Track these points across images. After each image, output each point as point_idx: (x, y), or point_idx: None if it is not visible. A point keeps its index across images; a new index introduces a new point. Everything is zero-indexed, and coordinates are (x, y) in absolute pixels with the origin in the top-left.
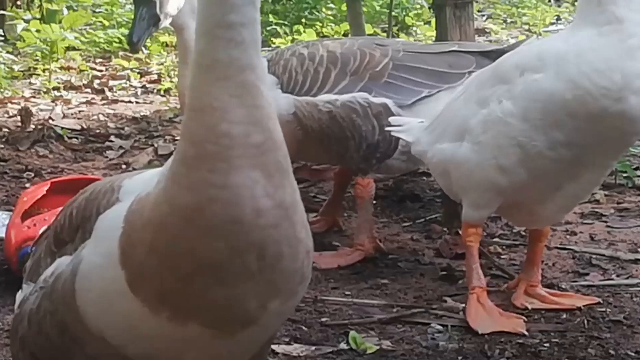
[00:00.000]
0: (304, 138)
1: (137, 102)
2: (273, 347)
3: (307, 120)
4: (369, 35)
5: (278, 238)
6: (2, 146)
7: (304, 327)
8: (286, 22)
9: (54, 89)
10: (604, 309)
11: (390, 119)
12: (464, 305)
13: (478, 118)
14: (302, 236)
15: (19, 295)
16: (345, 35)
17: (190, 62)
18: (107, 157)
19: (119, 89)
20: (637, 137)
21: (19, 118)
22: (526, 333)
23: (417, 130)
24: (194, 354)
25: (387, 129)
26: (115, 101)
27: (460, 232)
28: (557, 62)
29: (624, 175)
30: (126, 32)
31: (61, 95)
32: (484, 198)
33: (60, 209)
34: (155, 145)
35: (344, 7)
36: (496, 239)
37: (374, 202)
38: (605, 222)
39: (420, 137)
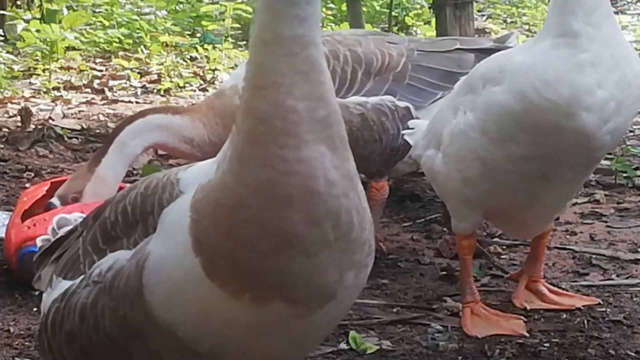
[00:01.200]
0: None
1: (137, 102)
2: None
3: None
4: None
5: (349, 206)
6: (2, 146)
7: None
8: None
9: (54, 89)
10: (604, 309)
11: (410, 122)
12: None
13: (448, 128)
14: (365, 206)
15: (50, 292)
16: None
17: (250, 39)
18: None
19: (119, 89)
20: (602, 152)
21: (19, 118)
22: (526, 334)
23: (419, 134)
24: (267, 340)
25: (403, 132)
26: (115, 101)
27: None
28: (511, 74)
29: (624, 175)
30: (126, 32)
31: (61, 95)
32: (458, 209)
33: (60, 209)
34: None
35: (344, 7)
36: (496, 239)
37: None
38: (605, 222)
39: (418, 142)
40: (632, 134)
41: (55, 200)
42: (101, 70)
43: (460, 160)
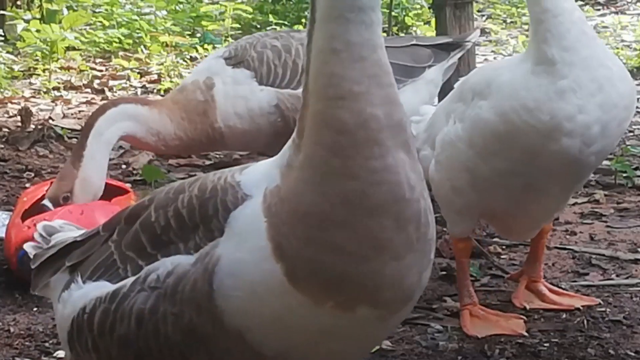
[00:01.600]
0: (284, 130)
1: None
2: None
3: (290, 112)
4: None
5: (426, 207)
6: (2, 146)
7: None
8: (286, 22)
9: (54, 89)
10: (604, 309)
11: (421, 107)
12: None
13: (440, 135)
14: (431, 206)
15: (75, 295)
16: None
17: (315, 50)
18: None
19: (119, 89)
20: (588, 171)
21: (19, 118)
22: (526, 334)
23: (423, 124)
24: (338, 343)
25: (413, 118)
26: None
27: None
28: (497, 92)
29: (624, 175)
30: (126, 32)
31: (61, 95)
32: (450, 215)
33: (60, 209)
34: None
35: None
36: (496, 239)
37: None
38: (605, 222)
39: (420, 134)
40: (631, 134)
41: (47, 202)
42: (101, 70)
43: (449, 170)
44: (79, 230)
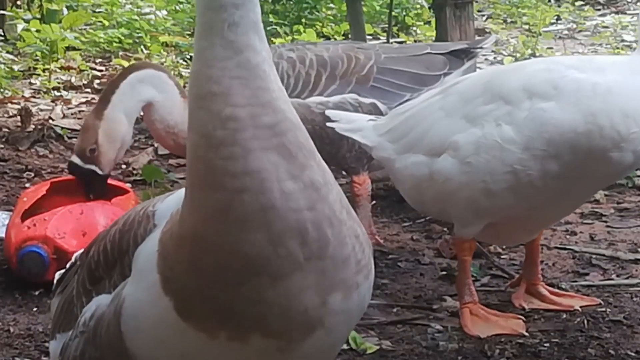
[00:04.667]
0: None
1: None
2: None
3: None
4: (369, 35)
5: (316, 220)
6: (2, 146)
7: None
8: (286, 22)
9: (54, 89)
10: (604, 309)
11: (329, 112)
12: None
13: (469, 137)
14: (344, 217)
15: (54, 346)
16: (345, 35)
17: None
18: None
19: None
20: (617, 178)
21: (19, 118)
22: (526, 334)
23: (373, 132)
24: None
25: (329, 124)
26: None
27: None
28: (576, 93)
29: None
30: (126, 32)
31: (61, 95)
32: (466, 217)
33: (60, 209)
34: (155, 145)
35: (344, 7)
36: None
37: (374, 202)
38: (605, 222)
39: (383, 143)
40: None
41: (74, 158)
42: (101, 70)
43: (487, 173)
44: None
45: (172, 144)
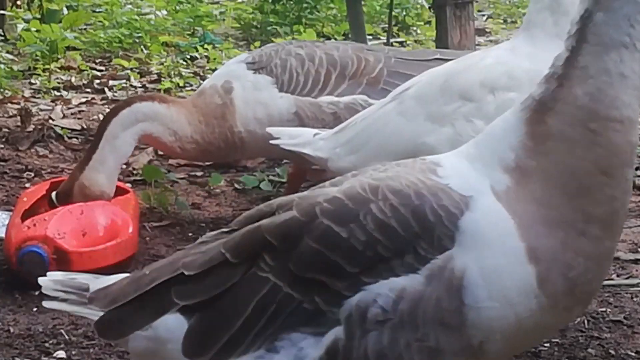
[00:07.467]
0: None
1: None
2: None
3: (309, 120)
4: (369, 35)
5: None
6: (2, 146)
7: None
8: (286, 22)
9: (54, 89)
10: (604, 309)
11: (270, 129)
12: None
13: (441, 137)
14: None
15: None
16: (345, 35)
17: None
18: None
19: (119, 89)
20: None
21: (19, 118)
22: None
23: (325, 145)
24: (539, 333)
25: (272, 142)
26: (115, 101)
27: None
28: (530, 81)
29: None
30: (126, 32)
31: (61, 95)
32: None
33: (60, 209)
34: None
35: (344, 7)
36: None
37: None
38: None
39: (340, 154)
40: None
41: (53, 195)
42: (101, 70)
43: None
44: None
45: (179, 150)
